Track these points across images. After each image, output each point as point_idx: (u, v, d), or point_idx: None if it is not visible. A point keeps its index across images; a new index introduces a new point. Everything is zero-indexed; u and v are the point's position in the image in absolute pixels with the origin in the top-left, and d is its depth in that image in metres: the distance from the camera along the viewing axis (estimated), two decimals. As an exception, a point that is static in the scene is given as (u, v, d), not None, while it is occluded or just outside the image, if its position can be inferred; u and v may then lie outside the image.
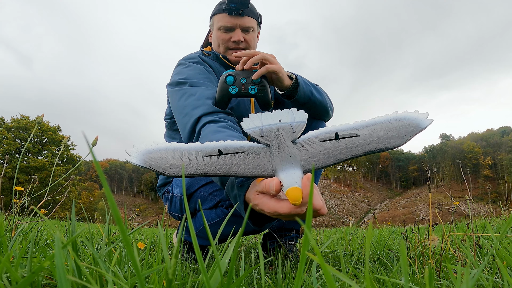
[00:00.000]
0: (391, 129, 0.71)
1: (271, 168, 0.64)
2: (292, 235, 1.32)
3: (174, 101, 1.14)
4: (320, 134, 0.75)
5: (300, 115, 0.83)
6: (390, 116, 0.77)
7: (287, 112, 0.85)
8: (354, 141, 0.69)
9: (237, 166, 0.65)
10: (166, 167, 0.65)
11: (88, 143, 0.30)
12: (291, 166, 0.61)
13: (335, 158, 0.66)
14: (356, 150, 0.67)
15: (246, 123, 0.84)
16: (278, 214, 0.61)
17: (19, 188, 1.11)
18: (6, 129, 29.73)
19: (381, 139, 0.68)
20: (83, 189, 41.72)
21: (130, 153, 0.68)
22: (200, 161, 0.67)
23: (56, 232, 0.36)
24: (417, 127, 0.70)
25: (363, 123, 0.77)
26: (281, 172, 0.61)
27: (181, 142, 1.28)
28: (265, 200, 0.63)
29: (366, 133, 0.71)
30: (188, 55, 1.31)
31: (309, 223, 0.33)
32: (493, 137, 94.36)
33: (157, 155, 0.69)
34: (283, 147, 0.69)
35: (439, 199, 30.46)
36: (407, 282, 0.32)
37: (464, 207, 1.41)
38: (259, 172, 0.64)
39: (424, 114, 0.73)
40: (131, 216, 2.84)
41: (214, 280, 0.42)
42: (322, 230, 2.55)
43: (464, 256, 0.89)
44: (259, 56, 1.01)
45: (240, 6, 1.20)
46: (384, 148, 0.67)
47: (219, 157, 0.68)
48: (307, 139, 0.74)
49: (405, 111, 0.77)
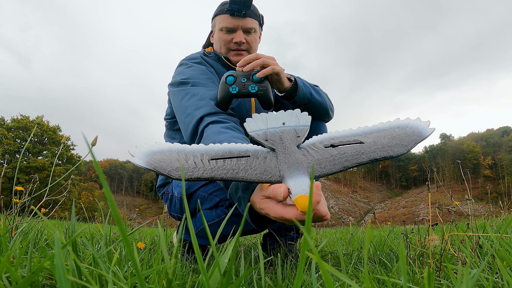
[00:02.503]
0: (395, 137, 0.71)
1: (278, 174, 0.64)
2: (292, 235, 1.32)
3: (176, 101, 1.14)
4: (324, 140, 0.75)
5: (304, 118, 0.83)
6: (392, 123, 0.77)
7: (291, 114, 0.84)
8: (359, 148, 0.69)
9: (244, 171, 0.65)
10: (171, 170, 0.64)
11: (87, 143, 0.30)
12: (299, 173, 0.61)
13: (341, 166, 0.66)
14: (362, 158, 0.67)
15: (250, 124, 0.83)
16: (284, 219, 0.62)
17: (19, 188, 1.11)
18: (6, 129, 29.72)
19: (385, 147, 0.69)
20: (83, 189, 41.71)
21: (133, 154, 0.66)
22: (206, 164, 0.67)
23: (56, 232, 0.36)
24: (419, 136, 0.70)
25: (366, 130, 0.77)
26: (289, 179, 0.61)
27: (182, 142, 1.28)
28: (271, 205, 0.64)
29: (370, 141, 0.71)
30: (190, 55, 1.31)
31: (309, 224, 0.33)
32: (493, 137, 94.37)
33: (162, 157, 0.68)
34: (289, 153, 0.69)
35: (439, 199, 30.35)
36: (407, 282, 0.33)
37: (464, 207, 1.41)
38: (266, 177, 0.64)
39: (426, 123, 0.74)
40: (131, 216, 2.84)
41: (213, 280, 0.42)
42: (322, 230, 2.55)
43: (464, 256, 0.89)
44: (260, 61, 1.01)
45: (242, 7, 1.20)
46: (389, 157, 0.67)
47: (225, 161, 0.68)
48: (311, 144, 0.74)
49: (407, 118, 0.77)
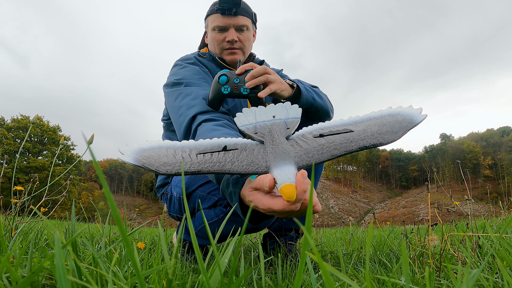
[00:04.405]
0: (385, 125, 0.71)
1: (264, 165, 0.64)
2: (292, 235, 1.32)
3: (170, 102, 1.14)
4: (314, 130, 0.74)
5: (293, 111, 0.83)
6: (384, 112, 0.76)
7: (281, 107, 0.84)
8: (348, 136, 0.69)
9: (230, 163, 0.65)
10: (159, 165, 0.65)
11: (86, 142, 0.30)
12: (284, 163, 0.61)
13: (329, 154, 0.65)
14: (350, 146, 0.66)
15: (240, 119, 0.83)
16: (273, 211, 0.61)
17: (19, 187, 1.11)
18: (6, 129, 29.72)
19: (375, 135, 0.68)
20: (83, 189, 41.69)
21: (123, 152, 0.67)
22: (194, 158, 0.67)
23: (56, 232, 0.36)
24: (411, 122, 0.70)
25: (357, 119, 0.76)
26: (274, 169, 0.61)
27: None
28: (259, 197, 0.63)
29: (360, 129, 0.71)
30: (184, 56, 1.32)
31: (309, 223, 0.33)
32: (493, 137, 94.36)
33: (150, 153, 0.68)
34: (276, 144, 0.68)
35: (439, 199, 30.48)
36: (408, 282, 0.32)
37: (464, 207, 1.41)
38: (253, 169, 0.64)
39: (418, 110, 0.73)
40: (131, 216, 2.84)
41: (214, 280, 0.42)
42: (322, 230, 2.55)
43: (464, 256, 0.89)
44: (263, 78, 0.99)
45: (232, 5, 1.20)
46: (378, 144, 0.67)
47: (213, 154, 0.68)
48: (301, 135, 0.74)
49: (399, 106, 0.77)
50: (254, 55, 1.41)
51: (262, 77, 1.00)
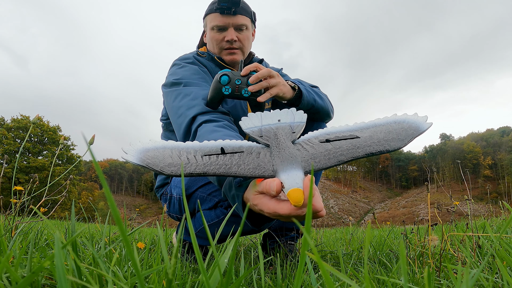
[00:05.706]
0: (391, 132, 0.71)
1: (271, 169, 0.64)
2: (292, 235, 1.32)
3: (169, 102, 1.13)
4: (319, 135, 0.75)
5: (299, 115, 0.83)
6: (389, 119, 0.77)
7: (286, 112, 0.85)
8: (355, 143, 0.69)
9: (237, 166, 0.65)
10: (164, 166, 0.65)
11: (86, 142, 0.30)
12: (292, 167, 0.61)
13: (336, 160, 0.65)
14: (357, 152, 0.67)
15: (245, 122, 0.84)
16: (278, 215, 0.61)
17: (19, 187, 1.11)
18: (6, 129, 29.71)
19: (381, 142, 0.68)
20: (83, 189, 41.69)
21: (126, 151, 0.67)
22: (199, 160, 0.67)
23: (56, 232, 0.36)
24: (416, 130, 0.70)
25: (362, 125, 0.77)
26: (282, 173, 0.60)
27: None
28: (265, 201, 0.63)
29: (366, 135, 0.71)
30: (183, 56, 1.31)
31: (309, 224, 0.33)
32: (493, 137, 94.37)
33: (155, 153, 0.68)
34: (283, 148, 0.68)
35: (439, 199, 30.35)
36: (407, 282, 0.33)
37: (464, 207, 1.41)
38: (259, 172, 0.63)
39: (424, 117, 0.73)
40: (131, 216, 2.84)
41: (213, 280, 0.42)
42: (322, 230, 2.55)
43: (464, 256, 0.89)
44: (265, 83, 0.99)
45: (231, 4, 1.19)
46: (385, 151, 0.67)
47: (218, 156, 0.68)
48: (307, 140, 0.74)
49: (404, 113, 0.77)
50: (253, 54, 1.41)
51: (264, 83, 0.99)
